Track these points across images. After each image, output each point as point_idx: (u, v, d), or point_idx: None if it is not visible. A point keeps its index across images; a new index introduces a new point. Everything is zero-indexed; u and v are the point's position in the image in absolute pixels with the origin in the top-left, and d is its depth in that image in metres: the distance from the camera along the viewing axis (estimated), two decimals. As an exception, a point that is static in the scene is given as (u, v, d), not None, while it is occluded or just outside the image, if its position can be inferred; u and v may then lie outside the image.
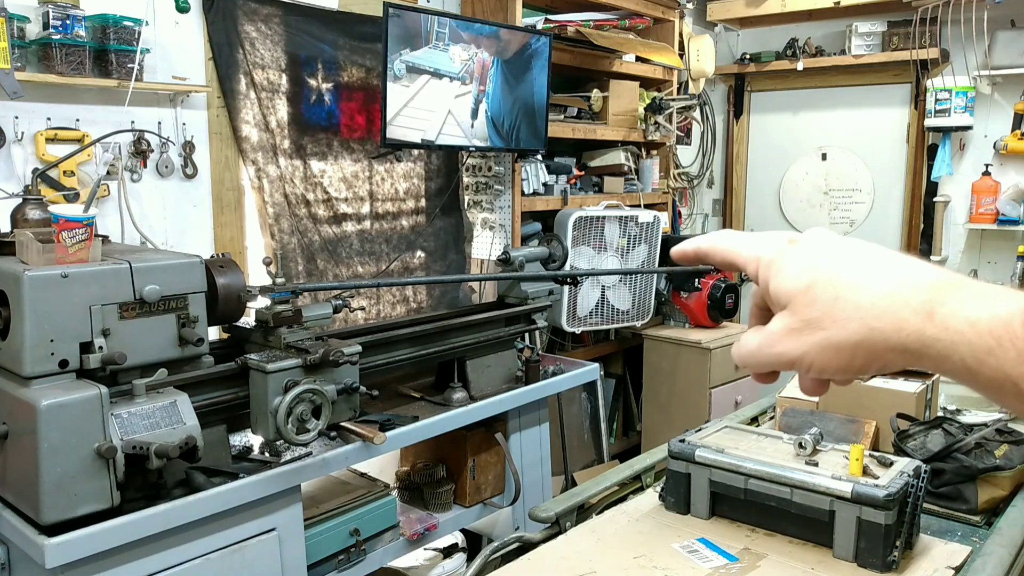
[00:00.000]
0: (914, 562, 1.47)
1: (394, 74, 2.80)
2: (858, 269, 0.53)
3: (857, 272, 0.53)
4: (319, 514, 2.04)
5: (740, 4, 4.77)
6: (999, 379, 0.46)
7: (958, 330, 0.47)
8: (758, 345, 0.56)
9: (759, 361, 0.56)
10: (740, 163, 5.43)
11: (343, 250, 3.07)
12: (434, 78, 2.95)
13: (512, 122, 3.25)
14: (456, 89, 3.04)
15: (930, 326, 0.48)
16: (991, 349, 0.46)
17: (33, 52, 2.22)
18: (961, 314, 0.48)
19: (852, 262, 0.54)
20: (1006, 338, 0.46)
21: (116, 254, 1.70)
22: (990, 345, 0.46)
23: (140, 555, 1.59)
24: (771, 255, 0.57)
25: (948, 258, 4.65)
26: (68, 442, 1.46)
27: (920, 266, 0.52)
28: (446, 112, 3.02)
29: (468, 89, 3.08)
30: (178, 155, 2.58)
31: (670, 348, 4.06)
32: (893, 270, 0.52)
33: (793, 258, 0.56)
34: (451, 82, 3.01)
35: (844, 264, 0.54)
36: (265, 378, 1.73)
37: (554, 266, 2.91)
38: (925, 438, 1.82)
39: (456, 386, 2.38)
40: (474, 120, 3.13)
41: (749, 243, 0.59)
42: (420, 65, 2.90)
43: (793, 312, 0.54)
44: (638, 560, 1.48)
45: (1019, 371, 0.45)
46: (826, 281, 0.53)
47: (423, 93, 2.93)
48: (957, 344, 0.47)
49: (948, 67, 4.42)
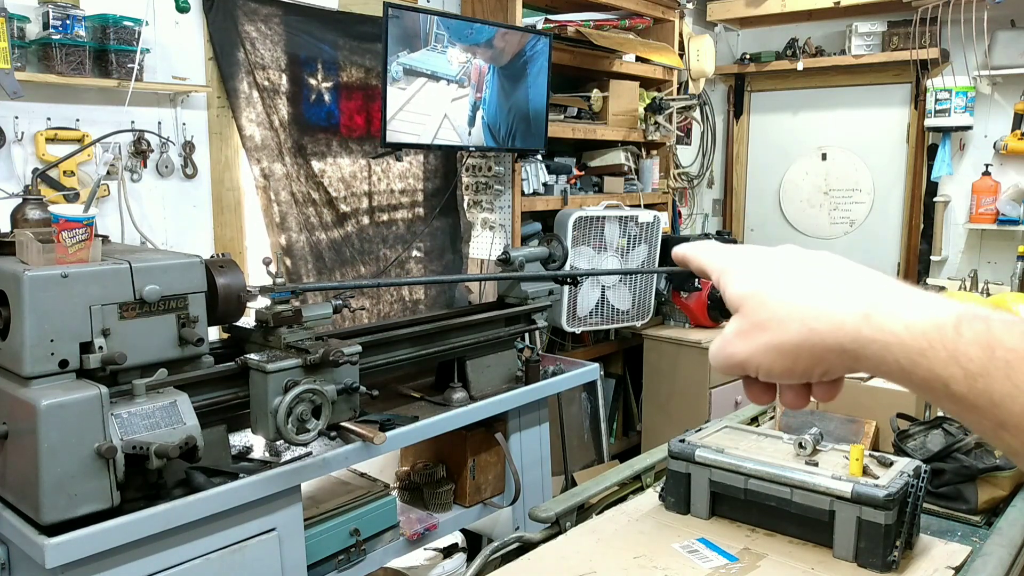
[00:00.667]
0: (914, 562, 1.47)
1: (392, 76, 2.80)
2: (805, 275, 0.56)
3: (803, 278, 0.55)
4: (319, 514, 2.04)
5: (740, 4, 4.77)
6: (930, 380, 0.48)
7: (893, 332, 0.49)
8: (715, 348, 0.59)
9: (717, 364, 0.59)
10: (740, 163, 5.43)
11: (346, 249, 3.07)
12: (431, 81, 2.94)
13: (508, 128, 3.25)
14: (453, 92, 3.03)
15: (866, 327, 0.50)
16: (923, 351, 0.48)
17: (33, 52, 2.22)
18: (897, 317, 0.50)
19: (801, 269, 0.56)
20: (937, 340, 0.48)
21: (116, 254, 1.70)
22: (922, 347, 0.48)
23: (140, 555, 1.59)
24: (728, 264, 0.61)
25: (948, 258, 4.65)
26: (68, 442, 1.46)
27: (867, 274, 0.54)
28: (442, 116, 3.02)
29: (465, 92, 3.08)
30: (178, 155, 2.58)
31: (670, 348, 4.06)
32: (837, 277, 0.55)
33: (747, 265, 0.59)
34: (448, 85, 3.00)
35: (793, 271, 0.56)
36: (265, 378, 1.73)
37: (554, 266, 2.91)
38: (925, 438, 1.82)
39: (456, 386, 2.38)
40: (471, 127, 3.13)
41: (718, 254, 0.63)
42: (417, 68, 2.89)
43: (743, 315, 0.57)
44: (638, 560, 1.48)
45: (949, 372, 0.47)
46: (774, 286, 0.56)
47: (420, 96, 2.92)
48: (891, 345, 0.49)
49: (948, 67, 4.42)
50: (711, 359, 0.60)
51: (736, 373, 0.59)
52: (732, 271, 0.60)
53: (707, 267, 0.63)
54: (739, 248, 0.62)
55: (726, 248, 0.63)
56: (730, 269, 0.60)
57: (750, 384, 0.60)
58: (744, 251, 0.61)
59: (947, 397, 0.48)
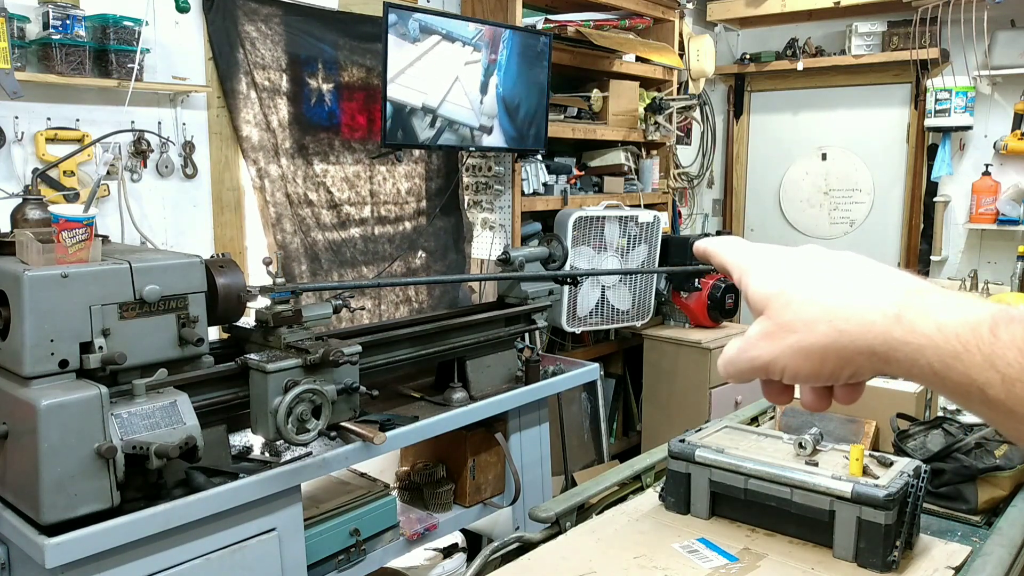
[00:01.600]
0: (914, 562, 1.47)
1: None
2: (831, 275, 0.54)
3: (830, 277, 0.54)
4: (319, 514, 2.03)
5: (740, 4, 4.77)
6: (965, 384, 0.46)
7: (925, 333, 0.48)
8: (737, 350, 0.57)
9: (737, 368, 0.57)
10: (740, 163, 5.43)
11: (347, 250, 3.07)
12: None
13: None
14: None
15: (897, 328, 0.49)
16: (958, 354, 0.46)
17: (33, 52, 2.22)
18: (930, 318, 0.48)
19: (827, 269, 0.55)
20: (972, 343, 0.46)
21: (116, 254, 1.70)
22: (957, 350, 0.46)
23: (140, 555, 1.59)
24: (752, 262, 0.59)
25: (948, 258, 4.65)
26: (68, 442, 1.46)
27: (895, 274, 0.53)
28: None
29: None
30: (178, 155, 2.58)
31: (670, 348, 4.06)
32: (866, 276, 0.53)
33: (772, 264, 0.57)
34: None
35: (819, 270, 0.55)
36: (265, 378, 1.73)
37: (554, 266, 2.91)
38: (925, 438, 1.82)
39: (456, 386, 2.38)
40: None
41: (740, 250, 0.61)
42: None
43: (768, 316, 0.55)
44: (638, 560, 1.48)
45: (985, 376, 0.45)
46: (800, 286, 0.54)
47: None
48: (924, 348, 0.48)
49: (948, 67, 4.42)
50: (726, 364, 0.57)
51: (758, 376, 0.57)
52: (756, 270, 0.58)
53: (729, 264, 0.61)
54: (762, 246, 0.61)
55: (749, 246, 0.61)
56: (753, 268, 0.58)
57: (769, 384, 0.58)
58: (768, 250, 0.60)
59: (982, 402, 0.46)
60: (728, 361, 0.57)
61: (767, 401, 0.64)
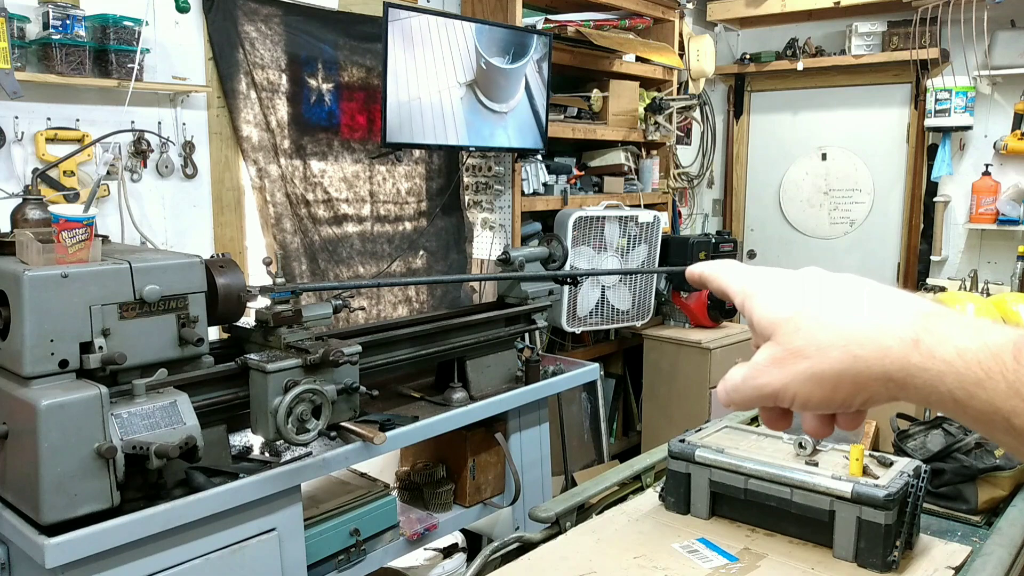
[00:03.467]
0: (914, 562, 1.47)
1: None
2: (843, 299, 0.52)
3: (842, 301, 0.52)
4: (319, 514, 2.03)
5: (740, 4, 4.77)
6: (989, 412, 0.45)
7: (945, 360, 0.46)
8: (743, 378, 0.54)
9: (743, 396, 0.54)
10: (740, 163, 5.43)
11: (344, 250, 3.07)
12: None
13: None
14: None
15: (915, 354, 0.47)
16: (980, 381, 0.45)
17: (33, 52, 2.22)
18: (950, 343, 0.46)
19: (837, 292, 0.53)
20: (996, 370, 0.44)
21: (116, 254, 1.70)
22: (979, 377, 0.45)
23: (140, 555, 1.59)
24: (756, 287, 0.57)
25: (948, 258, 4.65)
26: (68, 442, 1.46)
27: (907, 297, 0.51)
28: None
29: None
30: (178, 155, 2.58)
31: (670, 348, 4.06)
32: (879, 300, 0.51)
33: (778, 288, 0.55)
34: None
35: (829, 294, 0.53)
36: (265, 378, 1.73)
37: (554, 266, 2.91)
38: (925, 438, 1.82)
39: (456, 386, 2.38)
40: None
41: (741, 275, 0.59)
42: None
43: (777, 342, 0.53)
44: (638, 560, 1.48)
45: (1010, 405, 0.44)
46: (810, 310, 0.52)
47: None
48: (944, 375, 0.46)
49: (948, 67, 4.42)
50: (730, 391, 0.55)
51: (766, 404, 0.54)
52: (762, 294, 0.56)
53: (730, 289, 0.59)
54: (763, 270, 0.58)
55: (750, 269, 0.59)
56: (758, 293, 0.56)
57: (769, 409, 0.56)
58: (769, 273, 0.58)
59: (1007, 431, 0.45)
60: (732, 388, 0.55)
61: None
